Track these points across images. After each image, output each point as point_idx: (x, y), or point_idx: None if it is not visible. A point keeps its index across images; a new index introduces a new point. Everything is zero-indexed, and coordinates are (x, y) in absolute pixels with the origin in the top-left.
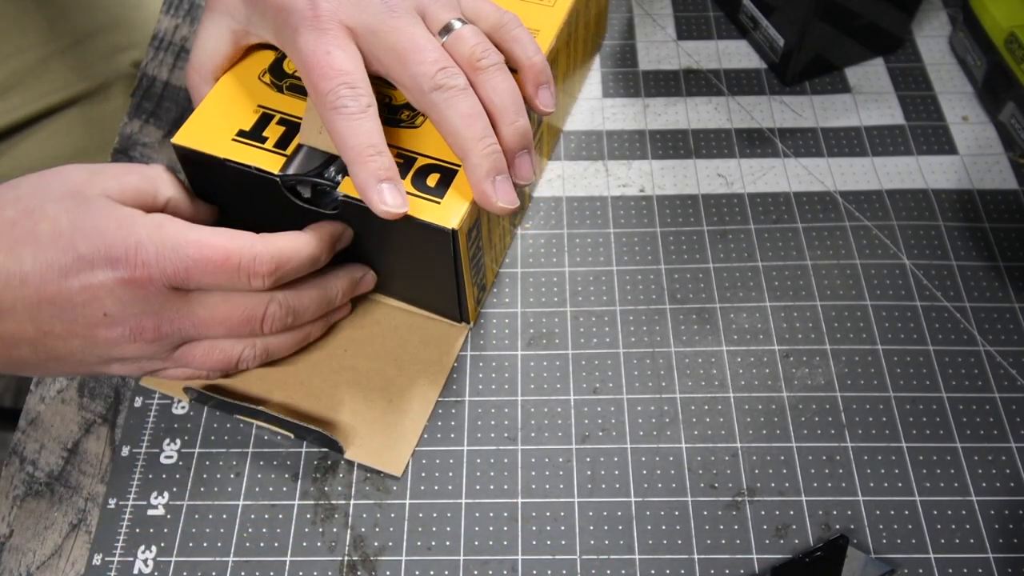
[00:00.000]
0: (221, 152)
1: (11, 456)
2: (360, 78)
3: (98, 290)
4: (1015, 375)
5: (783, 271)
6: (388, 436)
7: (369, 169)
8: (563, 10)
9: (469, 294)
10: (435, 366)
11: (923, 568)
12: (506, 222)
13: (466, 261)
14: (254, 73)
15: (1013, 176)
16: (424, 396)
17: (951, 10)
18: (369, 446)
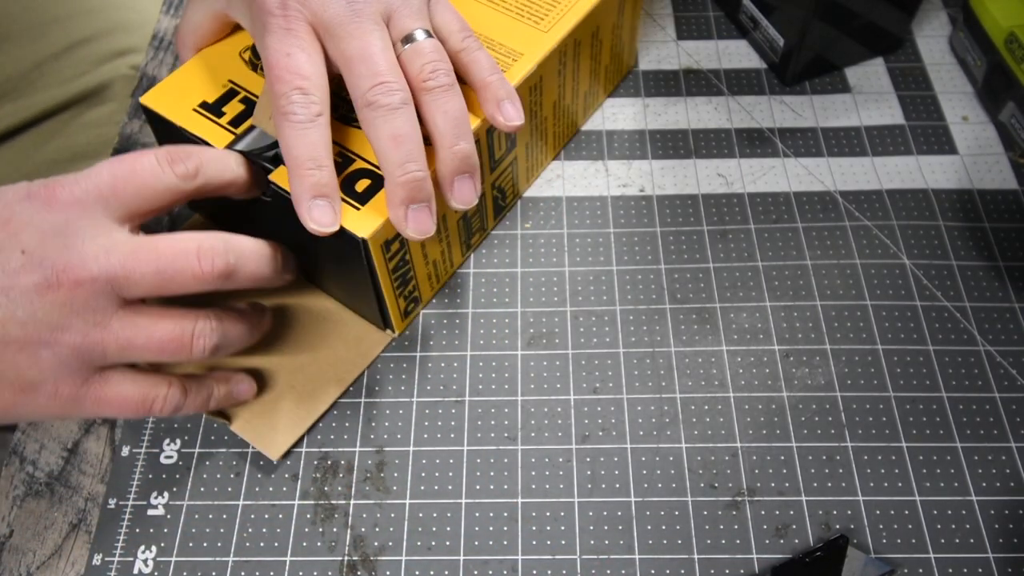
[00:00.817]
0: (178, 119)
1: (11, 456)
2: (316, 84)
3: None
4: (1015, 375)
5: (783, 271)
6: (277, 420)
7: (305, 183)
8: (555, 38)
9: (392, 305)
10: (347, 365)
11: (923, 568)
12: (455, 240)
13: (384, 272)
14: (236, 48)
15: (1013, 176)
16: (325, 392)
17: (951, 10)
18: (256, 424)
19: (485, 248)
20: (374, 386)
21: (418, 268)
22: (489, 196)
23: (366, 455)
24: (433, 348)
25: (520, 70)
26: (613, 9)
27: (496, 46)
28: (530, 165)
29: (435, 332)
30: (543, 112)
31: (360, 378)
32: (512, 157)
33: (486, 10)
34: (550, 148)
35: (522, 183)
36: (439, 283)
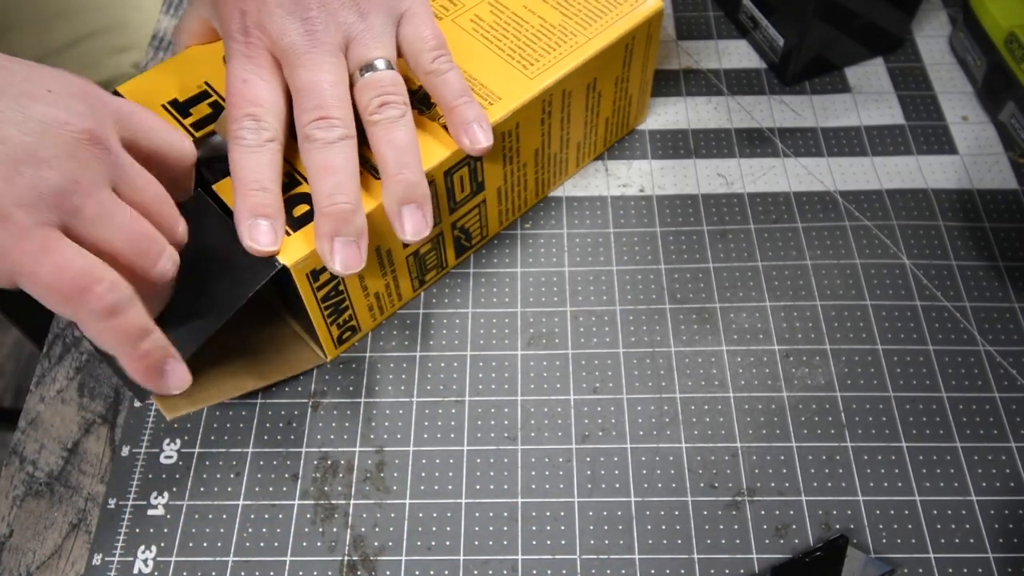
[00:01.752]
0: None
1: (11, 456)
2: (270, 111)
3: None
4: (1015, 375)
5: (783, 271)
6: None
7: (248, 203)
8: (538, 86)
9: (322, 332)
10: (271, 368)
11: (923, 568)
12: (402, 274)
13: (311, 300)
14: (222, 52)
15: (1013, 176)
16: (242, 381)
17: (951, 10)
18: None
19: (485, 248)
20: (374, 386)
21: (355, 299)
22: (449, 234)
23: (366, 455)
24: (433, 348)
25: (493, 115)
26: (616, 62)
27: (477, 87)
28: (505, 208)
29: (435, 332)
30: (520, 158)
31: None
32: (480, 199)
33: (479, 47)
34: (531, 194)
35: (494, 225)
36: (383, 315)
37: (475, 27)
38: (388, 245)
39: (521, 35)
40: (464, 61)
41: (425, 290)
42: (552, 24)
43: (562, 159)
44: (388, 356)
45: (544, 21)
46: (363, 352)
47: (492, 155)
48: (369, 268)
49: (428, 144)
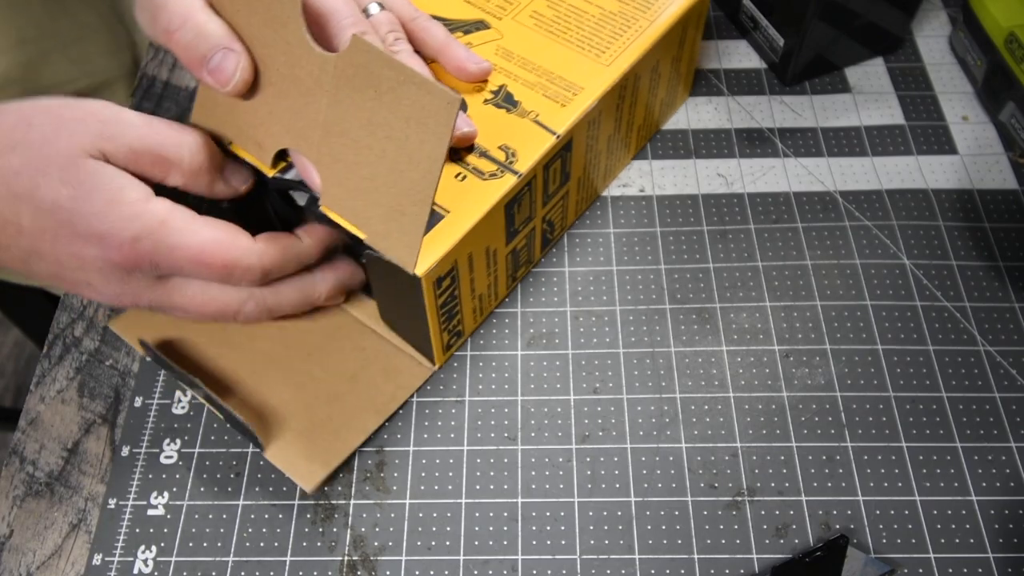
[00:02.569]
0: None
1: (11, 456)
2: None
3: (86, 262)
4: (1015, 375)
5: (783, 271)
6: (312, 450)
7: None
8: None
9: (435, 339)
10: (386, 398)
11: (923, 568)
12: (502, 273)
13: (432, 308)
14: None
15: (1013, 176)
16: (363, 423)
17: (951, 10)
18: (289, 452)
19: None
20: None
21: (464, 302)
22: (539, 229)
23: (366, 455)
24: None
25: (580, 105)
26: (674, 42)
27: (556, 80)
28: (581, 198)
29: None
30: (598, 147)
31: None
32: (565, 191)
33: (546, 41)
34: (600, 180)
35: (571, 215)
36: (482, 316)
37: (536, 23)
38: (494, 245)
39: (584, 25)
40: (536, 56)
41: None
42: (611, 11)
43: (626, 143)
44: (475, 328)
45: (603, 9)
46: None
47: (578, 145)
48: (478, 269)
49: (526, 139)
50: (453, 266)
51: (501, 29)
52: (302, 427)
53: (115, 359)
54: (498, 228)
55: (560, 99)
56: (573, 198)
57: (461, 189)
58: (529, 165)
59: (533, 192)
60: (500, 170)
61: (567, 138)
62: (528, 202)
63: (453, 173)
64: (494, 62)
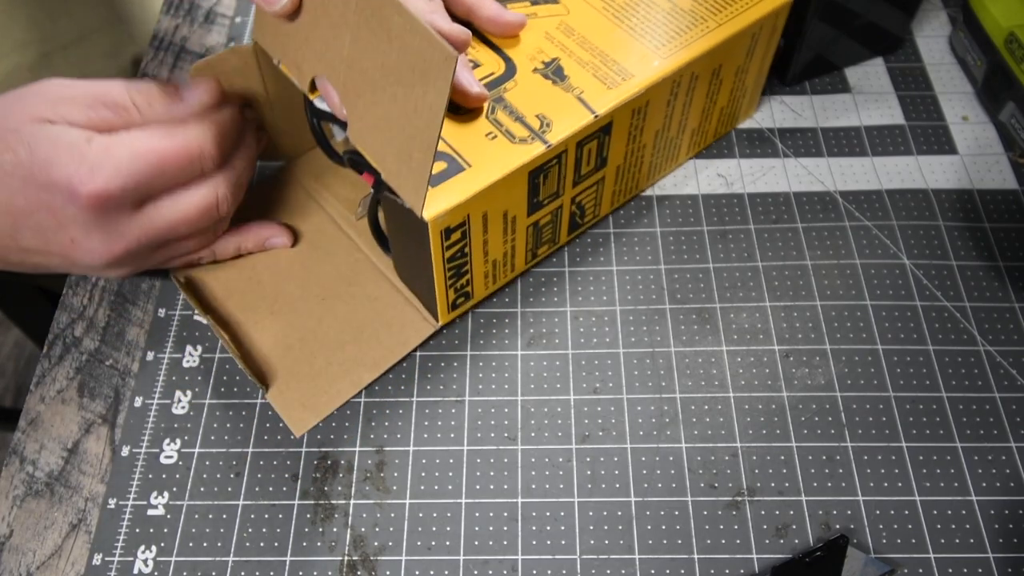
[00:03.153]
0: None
1: (11, 456)
2: None
3: (61, 216)
4: (1015, 375)
5: (783, 271)
6: (308, 397)
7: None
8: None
9: (440, 293)
10: (385, 352)
11: (923, 568)
12: (520, 244)
13: (439, 258)
14: None
15: (1013, 176)
16: (359, 375)
17: (951, 10)
18: (287, 396)
19: None
20: (374, 385)
21: (476, 263)
22: (567, 209)
23: (366, 455)
24: (433, 348)
25: (627, 90)
26: (741, 51)
27: (609, 62)
28: (619, 189)
29: (435, 332)
30: (642, 138)
31: None
32: (599, 176)
33: (609, 25)
34: (643, 177)
35: (606, 205)
36: (495, 284)
37: (605, 6)
38: (514, 212)
39: (651, 16)
40: (596, 37)
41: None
42: (683, 7)
43: (676, 144)
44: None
45: (675, 5)
46: None
47: (619, 131)
48: (493, 232)
49: (565, 113)
50: (465, 220)
51: (568, 5)
52: (304, 372)
53: (115, 359)
54: (519, 194)
55: (609, 81)
56: (609, 187)
57: (489, 147)
58: (560, 138)
59: (563, 167)
60: (531, 137)
61: (607, 119)
62: (556, 176)
63: (485, 131)
64: (554, 36)
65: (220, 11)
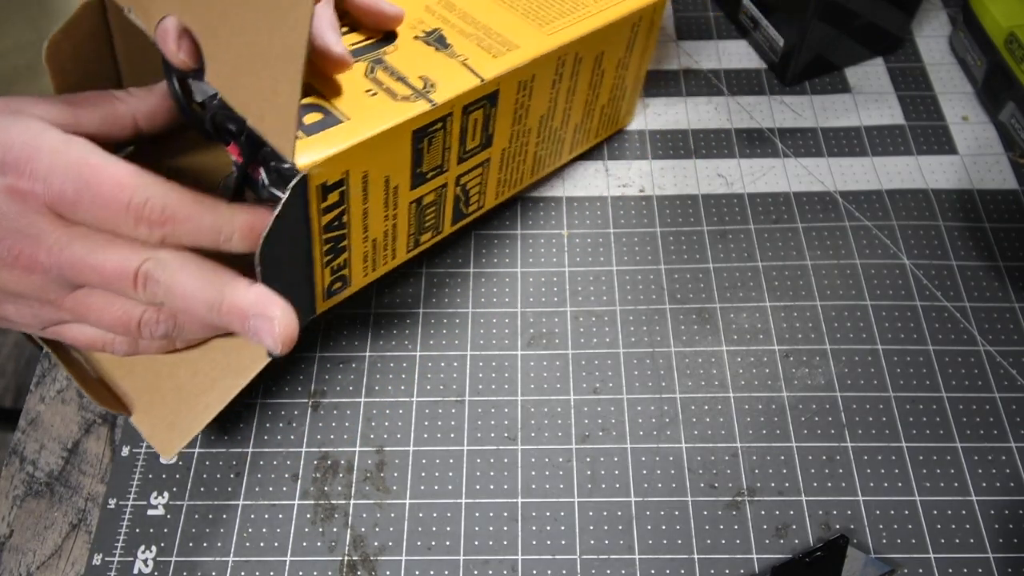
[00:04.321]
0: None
1: (11, 456)
2: None
3: None
4: (1015, 375)
5: (783, 271)
6: (177, 416)
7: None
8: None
9: (318, 272)
10: (253, 354)
11: (923, 568)
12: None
13: (316, 225)
14: None
15: (1013, 176)
16: (226, 386)
17: (951, 10)
18: (153, 417)
19: (485, 248)
20: (374, 386)
21: (355, 238)
22: (451, 191)
23: (366, 455)
24: (433, 348)
25: (513, 60)
26: (622, 42)
27: (494, 36)
28: (504, 178)
29: (435, 332)
30: (528, 121)
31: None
32: (485, 157)
33: (494, 4)
34: (528, 169)
35: (491, 196)
36: (374, 270)
37: None
38: (396, 180)
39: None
40: (479, 13)
41: (416, 254)
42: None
43: (560, 138)
44: (388, 356)
45: None
46: (363, 352)
47: (505, 105)
48: (373, 200)
49: (450, 76)
50: (344, 179)
51: None
52: (167, 387)
53: None
54: (402, 158)
55: (493, 51)
56: (495, 174)
57: (369, 103)
58: (447, 97)
59: (448, 135)
60: (415, 95)
61: (493, 86)
62: (441, 144)
63: (364, 88)
64: (434, 9)
65: None
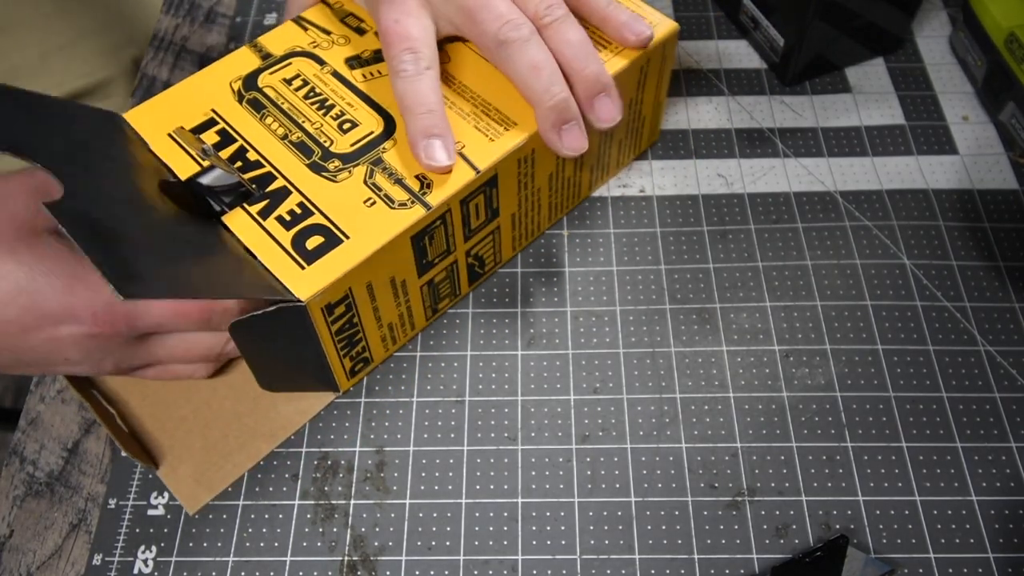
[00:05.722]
0: (152, 142)
1: (11, 456)
2: (423, 43)
3: (62, 342)
4: (1015, 375)
5: (783, 271)
6: (204, 471)
7: (419, 125)
8: None
9: (335, 365)
10: (283, 421)
11: (923, 568)
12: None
13: (326, 335)
14: (228, 77)
15: (1013, 176)
16: (256, 447)
17: (951, 10)
18: (180, 472)
19: None
20: (374, 386)
21: (369, 330)
22: (463, 263)
23: (366, 455)
24: (433, 348)
25: (509, 142)
26: (631, 85)
27: (491, 112)
28: (519, 234)
29: (435, 332)
30: (535, 184)
31: None
32: (494, 226)
33: (491, 70)
34: (544, 219)
35: (507, 251)
36: (395, 344)
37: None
38: (402, 276)
39: None
40: (477, 85)
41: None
42: None
43: (576, 182)
44: (388, 356)
45: None
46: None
47: (507, 182)
48: (383, 298)
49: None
50: (347, 293)
51: (450, 52)
52: (197, 446)
53: None
54: (406, 259)
55: (491, 133)
56: (508, 234)
57: (367, 216)
58: (441, 199)
59: (449, 226)
60: (411, 200)
61: (490, 174)
62: (443, 236)
63: (363, 198)
64: None
65: (220, 11)
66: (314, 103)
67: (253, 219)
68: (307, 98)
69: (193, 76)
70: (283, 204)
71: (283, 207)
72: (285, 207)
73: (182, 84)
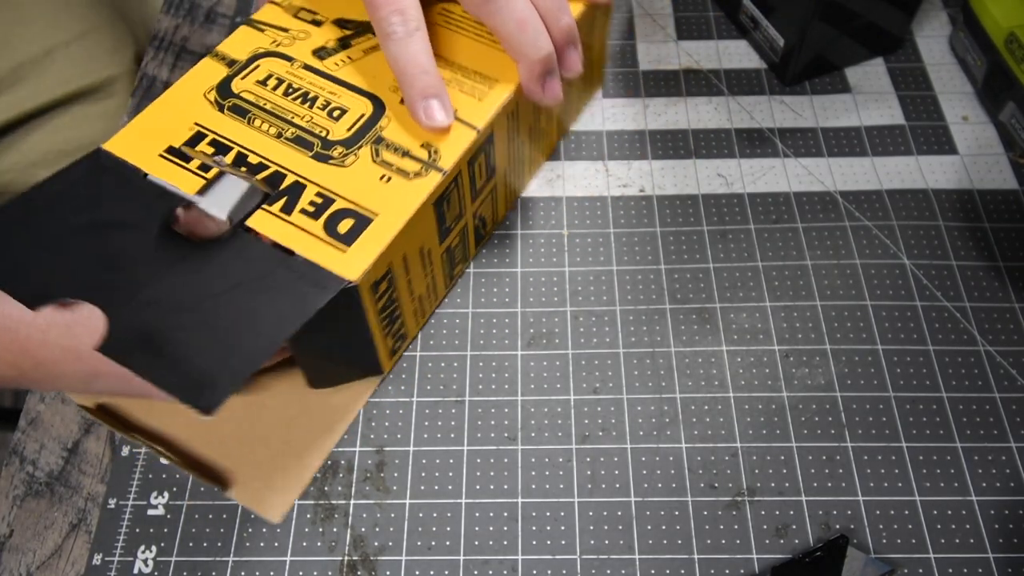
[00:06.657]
0: (146, 166)
1: (11, 456)
2: (409, 4)
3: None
4: (1015, 375)
5: (783, 271)
6: (275, 480)
7: (416, 87)
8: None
9: (380, 346)
10: (339, 413)
11: (923, 568)
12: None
13: (373, 314)
14: (201, 89)
15: (1013, 176)
16: (320, 444)
17: (951, 10)
18: (253, 488)
19: (485, 248)
20: None
21: (404, 305)
22: (471, 226)
23: (366, 455)
24: (433, 348)
25: (497, 98)
26: (584, 30)
27: (470, 75)
28: (508, 192)
29: (435, 332)
30: (520, 138)
31: None
32: (492, 184)
33: (458, 37)
34: (526, 172)
35: (501, 208)
36: (423, 318)
37: (446, 20)
38: (428, 245)
39: None
40: (448, 52)
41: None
42: None
43: (548, 133)
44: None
45: None
46: None
47: (500, 138)
48: (415, 270)
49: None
50: (388, 269)
51: None
52: (262, 457)
53: None
54: (430, 227)
55: (476, 94)
56: (502, 192)
57: (387, 190)
58: (453, 161)
59: (461, 188)
60: (424, 168)
61: (488, 132)
62: (457, 199)
63: (377, 175)
64: None
65: (220, 11)
66: (296, 98)
67: (278, 217)
68: (287, 95)
69: (162, 96)
70: (302, 197)
71: (303, 200)
72: (305, 199)
73: (154, 105)
